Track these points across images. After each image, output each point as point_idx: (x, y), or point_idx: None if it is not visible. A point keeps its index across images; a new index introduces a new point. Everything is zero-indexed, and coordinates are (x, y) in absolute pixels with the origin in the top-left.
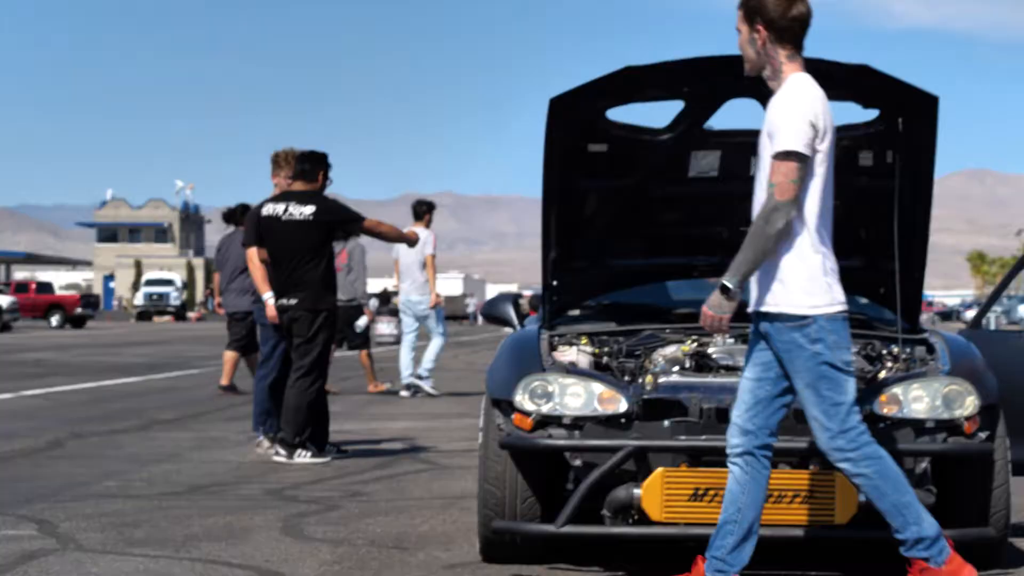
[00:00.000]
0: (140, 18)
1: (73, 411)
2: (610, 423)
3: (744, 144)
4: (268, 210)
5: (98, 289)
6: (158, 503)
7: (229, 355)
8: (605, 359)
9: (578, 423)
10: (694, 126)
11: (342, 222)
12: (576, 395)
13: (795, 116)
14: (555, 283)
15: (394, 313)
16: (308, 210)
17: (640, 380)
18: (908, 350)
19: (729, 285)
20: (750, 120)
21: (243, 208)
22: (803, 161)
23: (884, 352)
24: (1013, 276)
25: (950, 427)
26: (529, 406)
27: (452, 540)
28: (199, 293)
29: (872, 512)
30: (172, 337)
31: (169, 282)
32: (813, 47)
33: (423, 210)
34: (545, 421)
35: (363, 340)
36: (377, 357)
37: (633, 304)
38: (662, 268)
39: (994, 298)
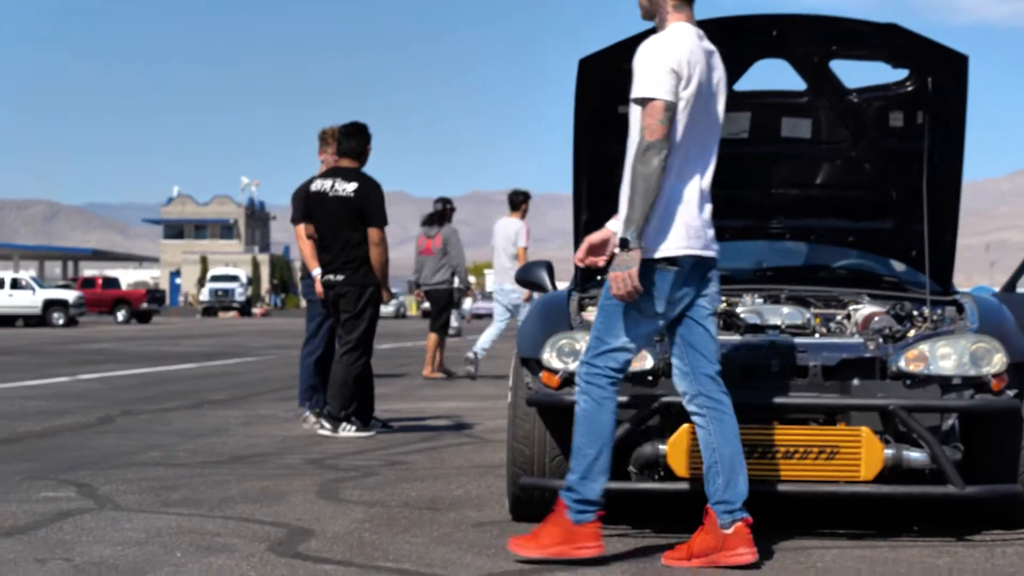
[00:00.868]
0: (205, 15)
1: (126, 392)
2: (636, 380)
3: (774, 105)
4: (316, 186)
5: (164, 286)
6: (199, 471)
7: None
8: None
9: None
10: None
11: (366, 213)
12: None
13: (655, 63)
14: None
15: (456, 306)
16: (351, 187)
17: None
18: (939, 311)
19: (627, 238)
20: (780, 81)
21: None
22: (668, 104)
23: (915, 313)
24: None
25: (977, 384)
26: (557, 364)
27: (485, 503)
28: (264, 289)
29: (897, 469)
30: (235, 331)
31: (234, 278)
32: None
33: (519, 200)
34: (572, 379)
35: (442, 325)
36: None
37: None
38: None
39: None
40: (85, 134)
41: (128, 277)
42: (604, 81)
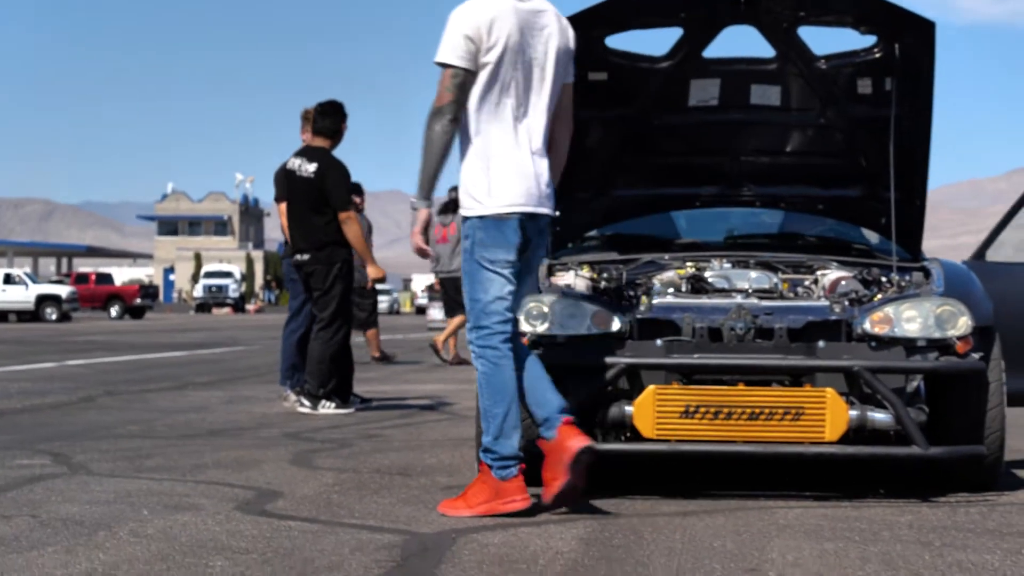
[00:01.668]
0: (199, 10)
1: (112, 375)
2: (604, 342)
3: (744, 72)
4: (289, 165)
5: (159, 283)
6: (175, 442)
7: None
8: (603, 284)
9: (572, 342)
10: (693, 54)
11: (327, 193)
12: (572, 316)
13: (451, 29)
14: (558, 213)
15: None
16: (312, 168)
17: (635, 302)
18: (907, 277)
19: (412, 199)
20: (749, 48)
21: (355, 187)
22: (456, 71)
23: (882, 279)
24: (1018, 209)
25: (942, 347)
26: (526, 327)
27: (457, 470)
28: (258, 285)
29: (862, 430)
30: (227, 326)
31: (228, 274)
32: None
33: None
34: (540, 341)
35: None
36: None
37: (636, 235)
38: (665, 198)
39: (998, 231)
40: (81, 132)
41: (123, 275)
42: None
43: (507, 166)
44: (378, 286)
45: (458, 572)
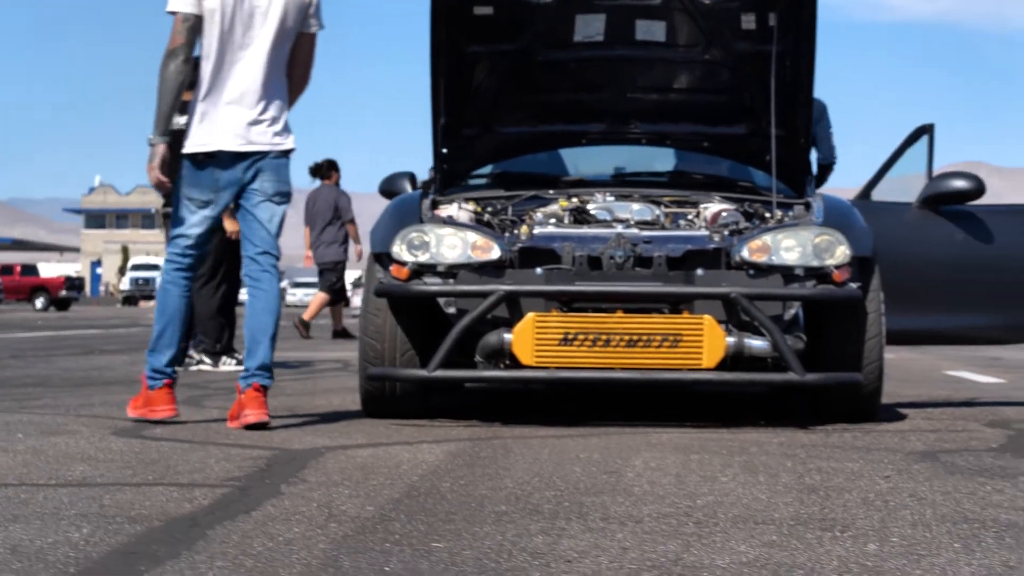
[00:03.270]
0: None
1: (22, 344)
2: (484, 271)
3: (629, 8)
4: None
5: (86, 276)
6: (69, 390)
7: (321, 296)
8: (487, 216)
9: (452, 271)
10: None
11: None
12: (452, 246)
13: None
14: (445, 151)
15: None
16: (182, 120)
17: (517, 232)
18: (789, 212)
19: (149, 136)
20: None
21: (329, 163)
22: (186, 15)
23: (766, 215)
24: (904, 150)
25: (820, 275)
26: (406, 256)
27: (343, 407)
28: None
29: (740, 357)
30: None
31: (155, 267)
32: None
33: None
34: (421, 271)
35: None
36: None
37: (523, 173)
38: (552, 136)
39: (883, 172)
40: (4, 127)
41: (50, 269)
42: None
43: (207, 109)
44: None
45: (319, 476)
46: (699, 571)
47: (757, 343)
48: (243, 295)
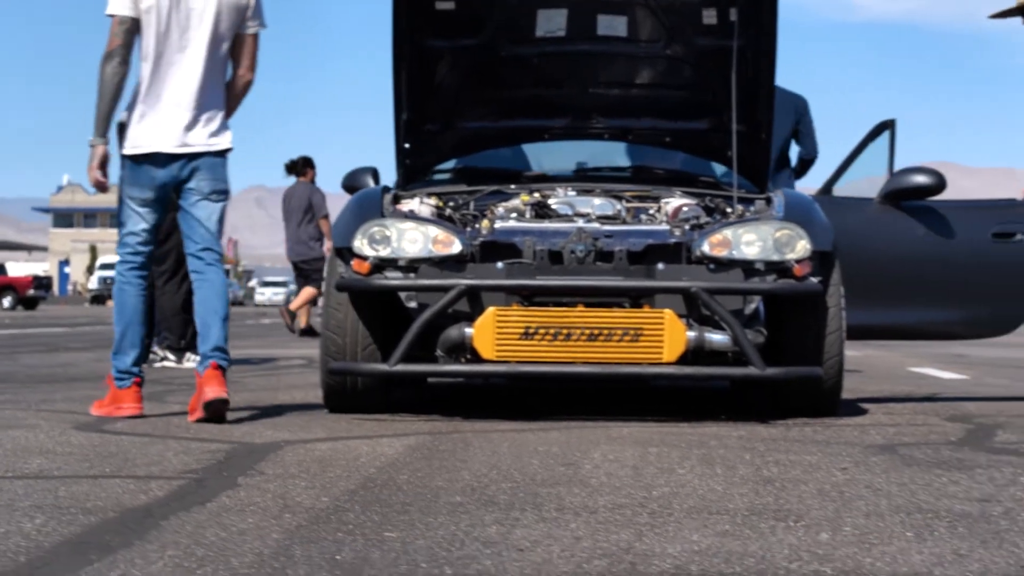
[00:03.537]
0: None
1: None
2: (445, 265)
3: (591, 3)
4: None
5: (54, 275)
6: (32, 385)
7: (309, 290)
8: (448, 211)
9: (414, 265)
10: None
11: None
12: (413, 240)
13: None
14: (407, 146)
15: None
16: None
17: (478, 227)
18: (751, 207)
19: (90, 139)
20: None
21: (304, 160)
22: (123, 18)
23: (727, 210)
24: (866, 145)
25: (780, 269)
26: (368, 251)
27: (305, 401)
28: None
29: (700, 351)
30: None
31: None
32: None
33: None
34: (382, 265)
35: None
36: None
37: (486, 168)
38: (514, 131)
39: (845, 167)
40: None
41: (18, 270)
42: None
43: (145, 110)
44: (273, 277)
45: (276, 468)
46: (650, 559)
47: (718, 337)
48: None
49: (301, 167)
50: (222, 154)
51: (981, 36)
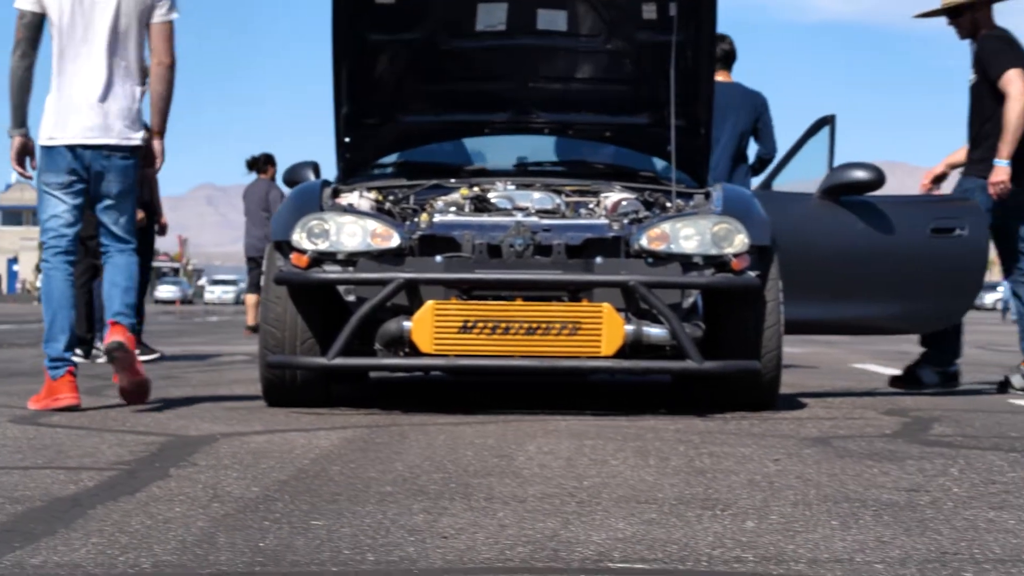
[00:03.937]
0: None
1: None
2: (383, 258)
3: None
4: None
5: (2, 273)
6: None
7: (251, 298)
8: (388, 205)
9: (352, 259)
10: None
11: None
12: (352, 234)
13: None
14: (347, 140)
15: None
16: None
17: (417, 220)
18: (690, 201)
19: (8, 130)
20: None
21: (265, 156)
22: (24, 12)
23: (667, 204)
24: (806, 140)
25: (718, 264)
26: (306, 244)
27: (246, 394)
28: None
29: (638, 345)
30: None
31: None
32: None
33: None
34: (321, 259)
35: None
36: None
37: (426, 162)
38: (455, 125)
39: (785, 162)
40: None
41: None
42: None
43: (55, 103)
44: (223, 276)
45: (209, 460)
46: (572, 546)
47: (656, 331)
48: (165, 292)
49: (262, 164)
50: (134, 152)
51: (936, 38)
